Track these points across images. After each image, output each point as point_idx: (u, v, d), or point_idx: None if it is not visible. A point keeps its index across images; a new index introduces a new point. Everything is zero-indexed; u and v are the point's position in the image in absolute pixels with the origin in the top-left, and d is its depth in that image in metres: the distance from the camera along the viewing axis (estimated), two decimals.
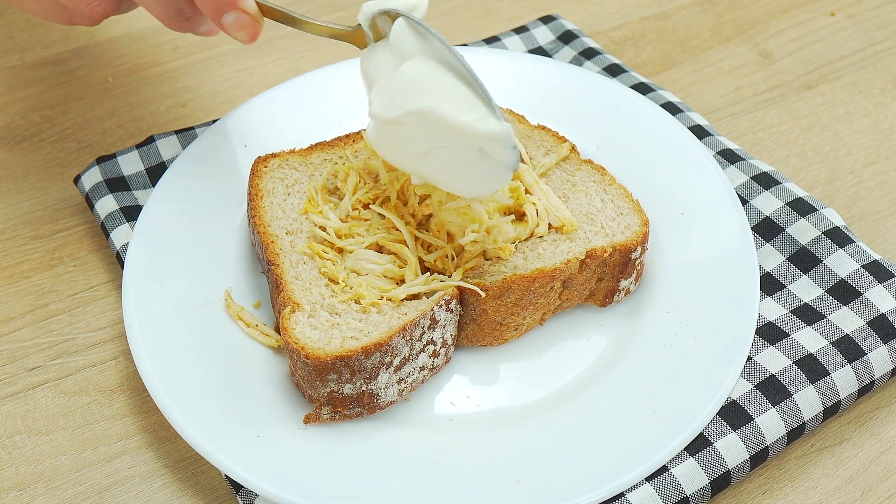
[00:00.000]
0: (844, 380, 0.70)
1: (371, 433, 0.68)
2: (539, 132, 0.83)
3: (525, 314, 0.72)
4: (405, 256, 0.72)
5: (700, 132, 0.88)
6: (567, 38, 0.99)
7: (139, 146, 0.86)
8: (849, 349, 0.72)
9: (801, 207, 0.80)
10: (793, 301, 0.76)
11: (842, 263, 0.76)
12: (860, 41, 1.04)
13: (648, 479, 0.65)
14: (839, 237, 0.78)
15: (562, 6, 1.08)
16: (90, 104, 0.96)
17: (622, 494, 0.64)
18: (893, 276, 0.75)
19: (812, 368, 0.70)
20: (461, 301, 0.71)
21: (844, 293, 0.75)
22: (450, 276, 0.72)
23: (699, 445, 0.67)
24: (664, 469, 0.66)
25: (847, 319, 0.74)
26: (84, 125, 0.94)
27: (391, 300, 0.70)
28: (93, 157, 0.91)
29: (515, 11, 1.08)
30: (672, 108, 0.90)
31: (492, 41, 0.99)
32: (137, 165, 0.85)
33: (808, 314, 0.75)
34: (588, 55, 0.97)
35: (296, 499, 0.63)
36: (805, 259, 0.78)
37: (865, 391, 0.72)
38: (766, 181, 0.82)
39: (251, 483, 0.64)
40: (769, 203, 0.81)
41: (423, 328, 0.68)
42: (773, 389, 0.69)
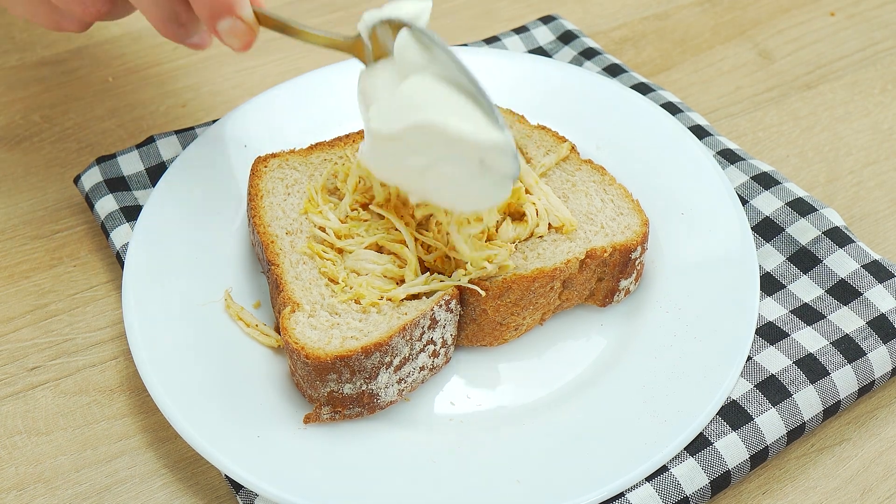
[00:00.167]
0: (844, 380, 0.70)
1: (371, 433, 0.68)
2: (539, 132, 0.83)
3: (525, 314, 0.72)
4: (405, 256, 0.72)
5: (700, 132, 0.88)
6: (567, 39, 0.99)
7: (139, 146, 0.86)
8: (849, 349, 0.72)
9: (801, 207, 0.80)
10: (793, 301, 0.76)
11: (842, 263, 0.76)
12: (860, 41, 1.04)
13: (648, 479, 0.65)
14: (839, 237, 0.78)
15: (562, 6, 1.08)
16: (90, 104, 0.96)
17: (622, 494, 0.64)
18: (893, 276, 0.75)
19: (812, 368, 0.70)
20: (461, 301, 0.71)
21: (844, 293, 0.75)
22: (450, 276, 0.72)
23: (699, 445, 0.67)
24: (664, 469, 0.66)
25: (847, 319, 0.74)
26: (84, 125, 0.94)
27: (391, 300, 0.70)
28: (93, 157, 0.91)
29: (515, 11, 1.08)
30: (672, 108, 0.90)
31: (492, 41, 0.99)
32: (137, 165, 0.85)
33: (808, 314, 0.75)
34: (588, 55, 0.97)
35: (296, 499, 0.63)
36: (805, 259, 0.78)
37: (865, 391, 0.72)
38: (766, 181, 0.82)
39: (251, 483, 0.64)
40: (769, 203, 0.81)
41: (423, 328, 0.68)
42: (773, 389, 0.69)
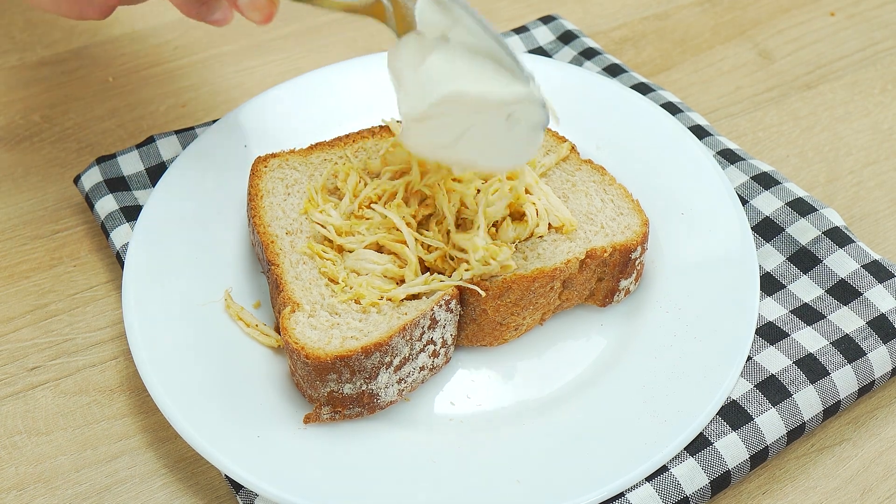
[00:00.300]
0: (844, 380, 0.70)
1: (371, 433, 0.68)
2: None
3: (525, 314, 0.72)
4: (405, 256, 0.72)
5: (700, 132, 0.88)
6: (567, 38, 0.99)
7: (139, 146, 0.86)
8: (849, 349, 0.72)
9: (801, 207, 0.80)
10: (793, 301, 0.76)
11: (842, 263, 0.76)
12: (860, 41, 1.04)
13: (648, 479, 0.65)
14: (839, 237, 0.78)
15: (562, 6, 1.08)
16: (90, 104, 0.96)
17: (622, 494, 0.64)
18: (893, 276, 0.75)
19: (812, 368, 0.70)
20: (461, 301, 0.71)
21: (844, 293, 0.75)
22: (450, 276, 0.72)
23: (699, 445, 0.67)
24: (664, 469, 0.66)
25: (847, 319, 0.74)
26: (84, 125, 0.94)
27: (391, 300, 0.70)
28: (93, 157, 0.91)
29: (515, 11, 1.08)
30: (672, 108, 0.90)
31: None
32: (137, 165, 0.85)
33: (808, 314, 0.74)
34: (588, 55, 0.97)
35: (296, 499, 0.63)
36: (805, 259, 0.78)
37: (865, 391, 0.72)
38: (766, 181, 0.82)
39: (251, 483, 0.64)
40: (769, 203, 0.81)
41: (423, 328, 0.68)
42: (773, 389, 0.69)
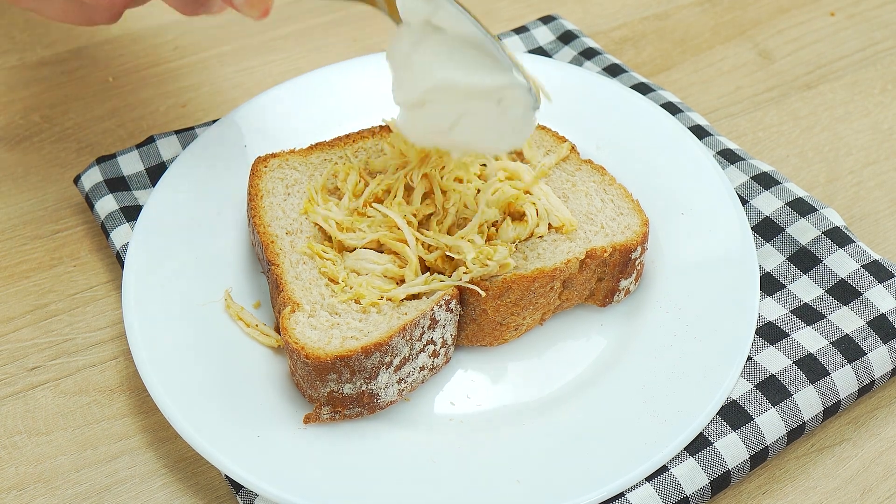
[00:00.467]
0: (844, 380, 0.70)
1: (371, 433, 0.68)
2: (539, 132, 0.83)
3: (525, 314, 0.72)
4: (406, 256, 0.72)
5: (700, 132, 0.88)
6: (567, 38, 0.99)
7: (139, 146, 0.86)
8: (849, 349, 0.72)
9: (801, 207, 0.80)
10: (793, 301, 0.76)
11: (842, 263, 0.76)
12: (860, 41, 1.04)
13: (648, 479, 0.65)
14: (839, 237, 0.78)
15: (562, 6, 1.08)
16: (90, 104, 0.96)
17: (622, 494, 0.64)
18: (893, 276, 0.75)
19: (812, 368, 0.70)
20: (461, 301, 0.71)
21: (844, 293, 0.75)
22: (450, 276, 0.72)
23: (699, 445, 0.67)
24: (664, 469, 0.66)
25: (847, 319, 0.74)
26: (84, 125, 0.94)
27: (391, 300, 0.70)
28: (93, 157, 0.91)
29: (515, 11, 1.08)
30: (672, 108, 0.90)
31: None
32: (137, 165, 0.85)
33: (808, 314, 0.74)
34: (588, 55, 0.97)
35: (296, 499, 0.63)
36: (805, 259, 0.78)
37: (865, 391, 0.72)
38: (766, 181, 0.82)
39: (251, 483, 0.64)
40: (769, 203, 0.81)
41: (423, 328, 0.68)
42: (773, 389, 0.69)
